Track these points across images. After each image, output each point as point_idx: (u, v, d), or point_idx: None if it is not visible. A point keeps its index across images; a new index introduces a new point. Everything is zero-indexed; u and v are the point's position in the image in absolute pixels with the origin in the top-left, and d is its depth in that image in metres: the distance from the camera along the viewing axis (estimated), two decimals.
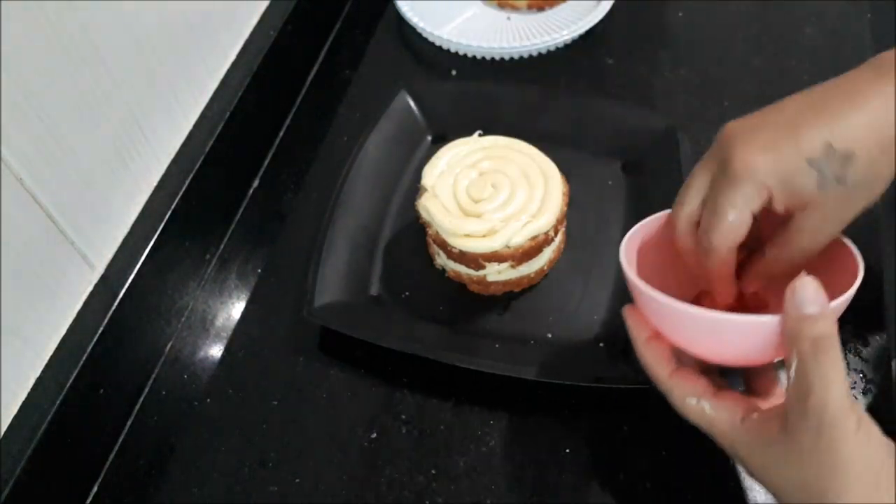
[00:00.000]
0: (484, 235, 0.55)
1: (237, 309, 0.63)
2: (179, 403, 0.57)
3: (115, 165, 0.55)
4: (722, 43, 0.78)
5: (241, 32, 0.70)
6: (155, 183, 0.60)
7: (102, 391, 0.53)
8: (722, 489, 0.51)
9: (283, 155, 0.73)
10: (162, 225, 0.58)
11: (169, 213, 0.58)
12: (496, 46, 0.77)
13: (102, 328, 0.52)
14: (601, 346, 0.56)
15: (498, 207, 0.56)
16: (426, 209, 0.57)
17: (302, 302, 0.58)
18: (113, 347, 0.53)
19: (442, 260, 0.61)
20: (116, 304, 0.54)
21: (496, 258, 0.56)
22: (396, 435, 0.54)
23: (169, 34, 0.58)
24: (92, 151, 0.52)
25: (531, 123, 0.67)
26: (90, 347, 0.51)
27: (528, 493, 0.51)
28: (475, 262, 0.57)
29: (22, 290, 0.47)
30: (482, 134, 0.62)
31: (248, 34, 0.70)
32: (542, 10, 0.82)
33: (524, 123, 0.66)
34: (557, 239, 0.59)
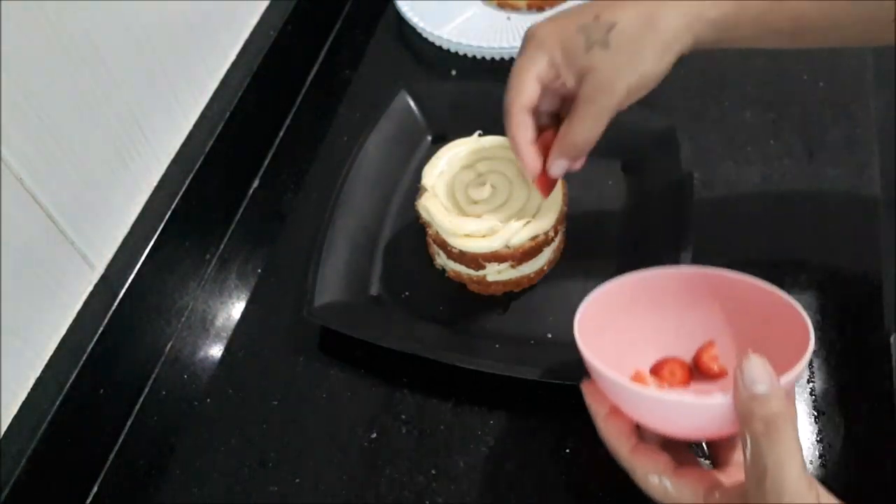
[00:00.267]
0: (484, 235, 0.55)
1: (237, 309, 0.63)
2: (179, 403, 0.58)
3: (115, 165, 0.55)
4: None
5: (241, 32, 0.70)
6: (155, 183, 0.60)
7: (102, 391, 0.53)
8: None
9: (283, 155, 0.73)
10: (162, 225, 0.58)
11: (169, 213, 0.58)
12: (496, 46, 0.77)
13: (102, 328, 0.52)
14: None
15: (498, 207, 0.56)
16: (426, 209, 0.57)
17: (302, 302, 0.58)
18: (113, 347, 0.54)
19: (442, 260, 0.61)
20: (116, 304, 0.54)
21: (496, 258, 0.56)
22: (396, 435, 0.54)
23: (169, 34, 0.58)
24: (92, 151, 0.52)
25: None
26: (90, 347, 0.51)
27: (528, 493, 0.51)
28: (475, 262, 0.57)
29: (22, 290, 0.47)
30: (482, 134, 0.61)
31: (248, 34, 0.70)
32: (542, 10, 0.82)
33: None
34: (557, 239, 0.59)
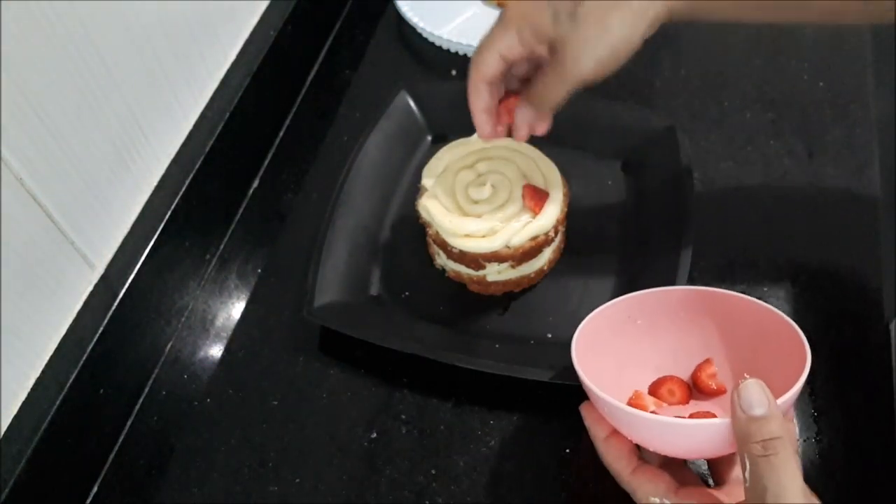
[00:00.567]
0: (484, 236, 0.55)
1: (237, 309, 0.63)
2: (179, 403, 0.57)
3: (115, 165, 0.55)
4: (722, 43, 0.78)
5: (241, 32, 0.70)
6: (155, 183, 0.60)
7: (102, 391, 0.53)
8: None
9: (283, 155, 0.73)
10: (162, 225, 0.58)
11: (169, 213, 0.58)
12: None
13: (102, 328, 0.52)
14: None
15: (498, 208, 0.56)
16: (426, 209, 0.57)
17: (302, 302, 0.58)
18: (113, 347, 0.53)
19: (442, 260, 0.61)
20: (116, 304, 0.54)
21: (496, 258, 0.56)
22: (396, 435, 0.54)
23: (169, 34, 0.58)
24: (92, 151, 0.52)
25: None
26: (90, 347, 0.51)
27: (528, 493, 0.51)
28: (475, 262, 0.57)
29: (22, 290, 0.47)
30: None
31: (248, 34, 0.70)
32: None
33: None
34: (557, 239, 0.59)
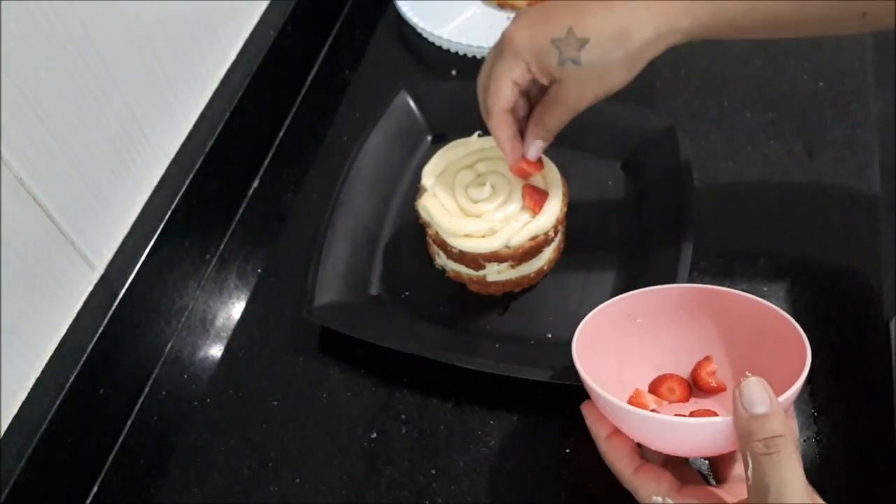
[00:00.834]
0: (483, 236, 0.55)
1: (237, 309, 0.63)
2: (179, 403, 0.57)
3: (115, 165, 0.55)
4: (722, 43, 0.78)
5: (241, 32, 0.70)
6: (155, 183, 0.60)
7: (102, 391, 0.53)
8: None
9: (283, 155, 0.73)
10: (162, 225, 0.58)
11: (169, 213, 0.58)
12: None
13: (102, 328, 0.52)
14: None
15: (497, 208, 0.56)
16: (426, 209, 0.57)
17: (302, 302, 0.58)
18: (113, 347, 0.53)
19: (442, 260, 0.61)
20: (116, 304, 0.54)
21: (496, 258, 0.56)
22: (396, 435, 0.54)
23: (169, 34, 0.58)
24: (92, 151, 0.52)
25: None
26: (90, 347, 0.51)
27: (528, 493, 0.51)
28: (475, 262, 0.57)
29: (22, 290, 0.47)
30: (482, 134, 0.61)
31: (248, 34, 0.70)
32: None
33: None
34: (557, 239, 0.59)
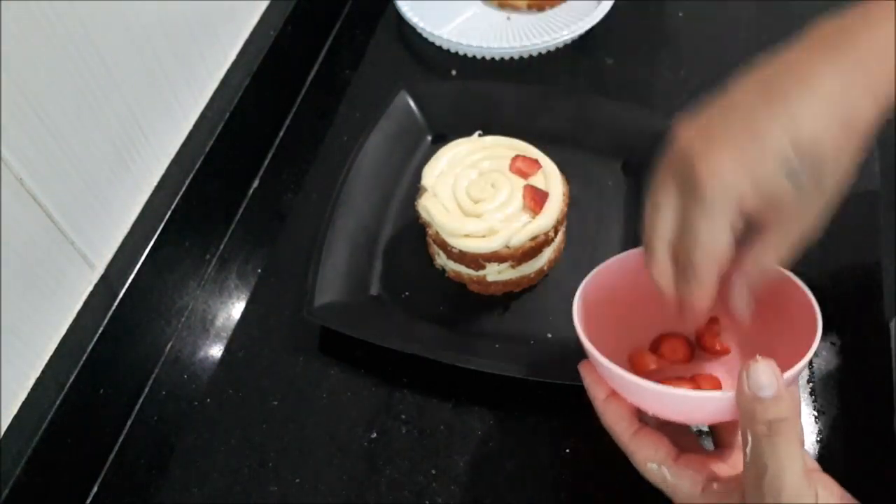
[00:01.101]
0: (483, 236, 0.55)
1: (237, 309, 0.63)
2: (179, 403, 0.57)
3: (115, 165, 0.55)
4: (722, 43, 0.78)
5: (241, 32, 0.70)
6: (155, 183, 0.60)
7: (102, 391, 0.53)
8: None
9: (283, 155, 0.73)
10: (162, 225, 0.58)
11: (169, 213, 0.58)
12: (496, 46, 0.77)
13: (102, 328, 0.52)
14: None
15: (498, 207, 0.56)
16: (426, 209, 0.57)
17: (302, 302, 0.58)
18: (113, 347, 0.53)
19: (442, 260, 0.61)
20: (116, 304, 0.54)
21: (496, 258, 0.56)
22: (396, 435, 0.54)
23: (169, 34, 0.58)
24: (92, 151, 0.52)
25: (531, 123, 0.67)
26: (90, 347, 0.51)
27: (528, 493, 0.51)
28: (475, 262, 0.57)
29: (22, 290, 0.47)
30: (482, 134, 0.62)
31: (248, 34, 0.70)
32: (542, 10, 0.82)
33: (524, 123, 0.66)
34: (557, 239, 0.59)
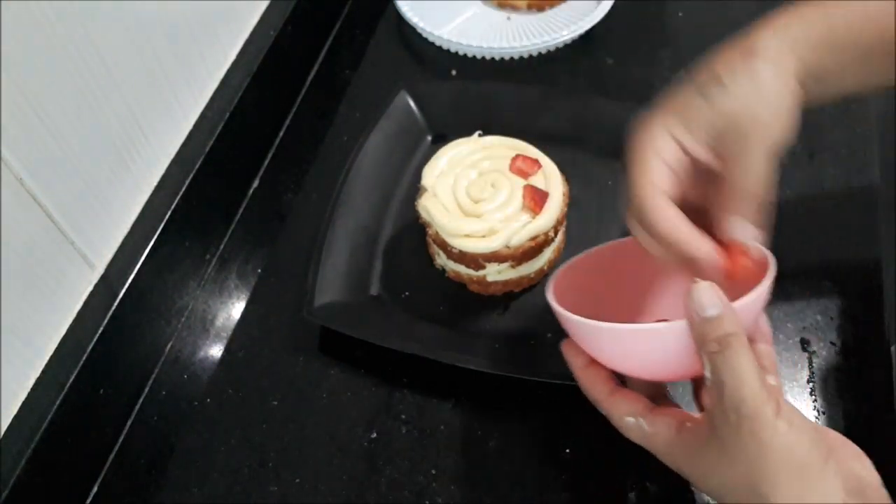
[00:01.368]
0: (483, 236, 0.55)
1: (237, 309, 0.63)
2: (179, 403, 0.57)
3: (115, 165, 0.55)
4: (722, 43, 0.78)
5: (241, 32, 0.70)
6: (155, 183, 0.60)
7: (102, 391, 0.53)
8: None
9: (283, 155, 0.73)
10: (162, 225, 0.58)
11: (169, 213, 0.58)
12: (496, 46, 0.77)
13: (102, 328, 0.52)
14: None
15: (498, 207, 0.56)
16: (426, 209, 0.57)
17: (302, 302, 0.58)
18: (113, 347, 0.53)
19: (442, 260, 0.61)
20: (116, 304, 0.54)
21: (496, 258, 0.56)
22: (396, 435, 0.54)
23: (169, 34, 0.58)
24: (92, 151, 0.52)
25: (531, 123, 0.67)
26: (90, 347, 0.51)
27: (528, 493, 0.51)
28: (475, 262, 0.57)
29: (22, 290, 0.47)
30: (482, 134, 0.62)
31: (248, 34, 0.70)
32: (542, 10, 0.82)
33: (524, 123, 0.66)
34: (557, 239, 0.59)
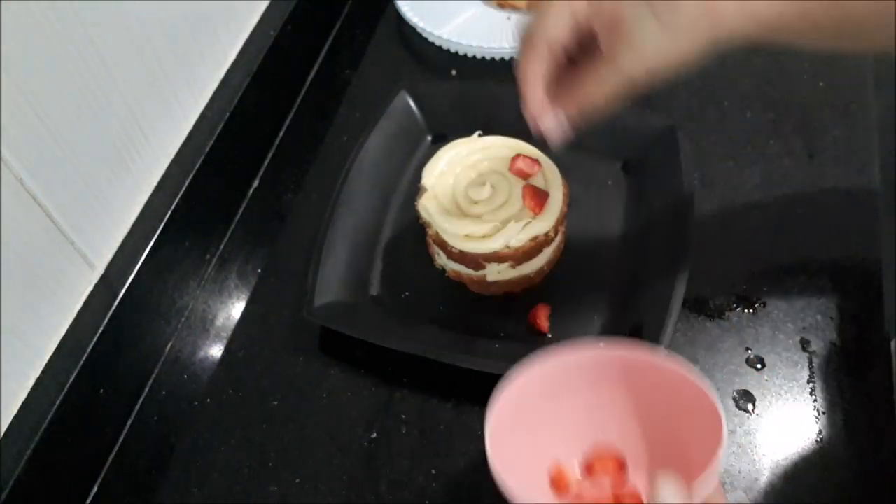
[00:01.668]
0: (484, 236, 0.55)
1: (237, 309, 0.63)
2: (179, 403, 0.57)
3: (115, 165, 0.55)
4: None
5: (241, 32, 0.70)
6: (155, 183, 0.60)
7: (102, 391, 0.53)
8: None
9: (283, 155, 0.73)
10: (162, 225, 0.58)
11: (169, 213, 0.58)
12: (496, 46, 0.77)
13: (102, 328, 0.52)
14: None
15: (498, 208, 0.56)
16: (426, 209, 0.57)
17: (302, 302, 0.58)
18: (113, 347, 0.54)
19: (442, 260, 0.61)
20: (116, 304, 0.54)
21: (496, 259, 0.56)
22: (396, 435, 0.54)
23: (169, 34, 0.58)
24: (92, 151, 0.52)
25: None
26: (90, 347, 0.51)
27: None
28: (475, 262, 0.57)
29: (22, 290, 0.47)
30: (482, 134, 0.61)
31: (248, 34, 0.70)
32: None
33: (524, 123, 0.65)
34: (557, 239, 0.59)
